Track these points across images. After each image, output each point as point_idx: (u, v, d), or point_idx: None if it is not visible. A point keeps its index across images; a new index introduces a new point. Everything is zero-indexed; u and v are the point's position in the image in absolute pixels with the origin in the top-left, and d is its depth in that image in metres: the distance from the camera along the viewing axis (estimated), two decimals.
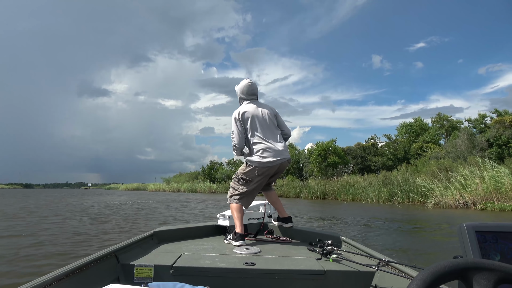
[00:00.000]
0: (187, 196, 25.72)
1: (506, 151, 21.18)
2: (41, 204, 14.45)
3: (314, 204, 16.23)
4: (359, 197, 17.86)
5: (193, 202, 16.70)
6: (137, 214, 10.10)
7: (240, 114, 2.48)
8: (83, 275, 1.38)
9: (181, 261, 1.76)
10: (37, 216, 9.12)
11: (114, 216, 9.30)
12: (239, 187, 2.49)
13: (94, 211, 10.77)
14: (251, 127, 2.47)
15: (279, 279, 1.66)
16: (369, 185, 18.02)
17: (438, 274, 0.54)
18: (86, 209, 11.77)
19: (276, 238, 2.57)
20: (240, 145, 2.47)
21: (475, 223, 0.75)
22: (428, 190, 13.67)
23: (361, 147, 29.50)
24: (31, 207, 12.61)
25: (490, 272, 0.56)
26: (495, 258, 0.72)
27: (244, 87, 2.59)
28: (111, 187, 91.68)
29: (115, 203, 15.46)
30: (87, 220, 8.10)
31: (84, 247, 4.71)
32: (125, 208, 12.56)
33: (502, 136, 21.57)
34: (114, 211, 11.09)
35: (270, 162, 2.41)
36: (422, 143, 27.57)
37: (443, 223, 8.23)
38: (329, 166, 26.52)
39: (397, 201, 15.36)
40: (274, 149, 2.44)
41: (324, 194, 20.75)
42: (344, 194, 19.03)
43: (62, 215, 9.44)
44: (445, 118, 30.26)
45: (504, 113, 24.40)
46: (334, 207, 13.78)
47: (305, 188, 22.40)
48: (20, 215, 9.45)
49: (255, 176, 2.45)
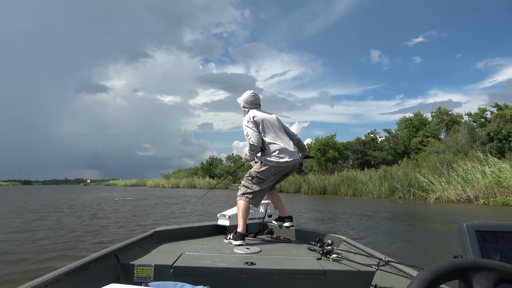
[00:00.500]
0: (189, 193, 25.63)
1: (507, 145, 21.15)
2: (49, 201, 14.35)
3: (315, 199, 16.16)
4: (359, 192, 17.81)
5: (192, 198, 16.62)
6: (147, 210, 10.00)
7: (252, 117, 2.56)
8: (83, 275, 1.38)
9: (181, 260, 1.76)
10: (46, 213, 9.01)
11: (123, 212, 9.20)
12: (252, 185, 2.51)
13: (93, 207, 10.67)
14: (263, 129, 2.55)
15: (279, 278, 1.66)
16: (369, 180, 17.98)
17: (438, 274, 0.54)
18: (88, 205, 11.68)
19: (276, 237, 2.58)
20: (258, 143, 2.50)
21: (475, 222, 0.75)
22: (430, 184, 13.59)
23: (361, 142, 29.45)
24: (37, 207, 12.49)
25: (490, 271, 0.56)
26: (495, 258, 0.72)
27: (248, 98, 2.70)
28: (110, 183, 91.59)
29: (114, 199, 15.36)
30: (87, 216, 8.00)
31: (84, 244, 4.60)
32: (133, 204, 12.46)
33: (503, 130, 21.53)
34: (116, 207, 10.98)
35: (287, 162, 2.49)
36: (422, 138, 27.51)
37: (446, 216, 8.16)
38: (328, 161, 26.45)
39: (398, 196, 15.31)
40: (288, 150, 2.53)
41: (324, 189, 20.68)
42: (345, 189, 18.95)
43: (63, 212, 9.33)
44: (445, 112, 30.18)
45: (505, 107, 24.33)
46: (335, 202, 13.71)
47: (305, 183, 22.33)
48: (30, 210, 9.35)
49: (271, 175, 2.50)
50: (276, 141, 2.52)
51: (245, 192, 2.50)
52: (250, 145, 2.50)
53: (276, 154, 2.47)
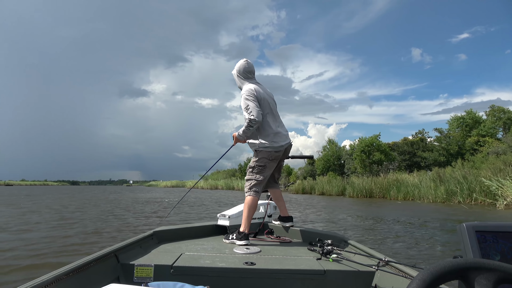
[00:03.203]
0: (230, 194, 25.69)
1: None
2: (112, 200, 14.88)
3: (360, 203, 15.34)
4: (411, 195, 16.71)
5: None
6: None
7: (254, 89, 2.45)
8: (83, 275, 1.38)
9: (181, 261, 1.76)
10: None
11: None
12: (255, 176, 2.47)
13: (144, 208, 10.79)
14: (262, 108, 2.45)
15: (279, 279, 1.67)
16: (421, 183, 16.79)
17: (438, 274, 0.54)
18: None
19: (276, 238, 2.58)
20: (259, 118, 2.36)
21: (475, 222, 0.74)
22: (498, 188, 12.24)
23: (409, 143, 27.81)
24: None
25: (490, 272, 0.56)
26: (495, 258, 0.72)
27: (242, 66, 2.60)
28: (152, 184, 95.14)
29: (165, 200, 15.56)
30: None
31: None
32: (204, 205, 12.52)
33: None
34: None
35: (282, 146, 2.46)
36: (478, 137, 25.42)
37: None
38: (373, 163, 25.25)
39: (457, 201, 14.05)
40: (282, 133, 2.50)
41: (371, 193, 19.70)
42: (394, 192, 17.88)
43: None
44: (501, 110, 27.72)
45: None
46: (385, 207, 12.85)
47: (349, 186, 21.45)
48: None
49: (268, 161, 2.46)
50: (272, 123, 2.47)
51: (252, 185, 2.46)
52: (250, 120, 2.35)
53: (271, 138, 2.44)
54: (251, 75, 2.62)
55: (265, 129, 2.45)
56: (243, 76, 2.59)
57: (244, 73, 2.59)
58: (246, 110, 2.37)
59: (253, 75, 2.64)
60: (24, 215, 8.35)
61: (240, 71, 2.60)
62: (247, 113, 2.37)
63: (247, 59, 2.63)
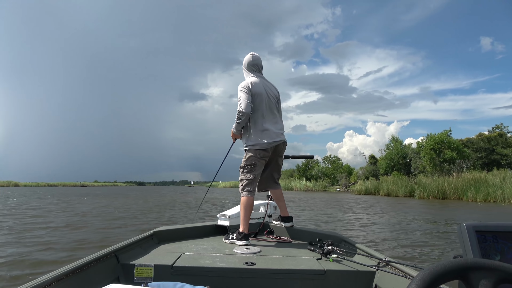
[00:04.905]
0: (297, 195, 25.82)
1: None
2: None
3: (433, 205, 14.42)
4: (492, 197, 15.33)
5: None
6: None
7: (251, 85, 2.47)
8: (83, 275, 1.38)
9: (181, 261, 1.77)
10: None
11: None
12: (246, 175, 2.48)
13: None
14: (255, 103, 2.47)
15: (279, 279, 1.67)
16: (504, 183, 15.29)
17: (438, 274, 0.54)
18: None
19: (276, 238, 2.57)
20: (247, 110, 2.40)
21: (475, 222, 0.74)
22: None
23: (485, 138, 25.40)
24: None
25: (490, 272, 0.56)
26: (495, 258, 0.72)
27: (247, 59, 2.62)
28: (212, 184, 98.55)
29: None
30: None
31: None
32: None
33: None
34: None
35: (269, 144, 2.45)
36: None
37: None
38: (445, 161, 23.53)
39: None
40: (272, 131, 2.48)
41: (444, 193, 18.42)
42: (472, 193, 16.54)
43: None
44: None
45: None
46: (465, 210, 11.94)
47: (418, 186, 20.27)
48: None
49: (257, 159, 2.46)
50: (259, 120, 2.47)
51: (244, 185, 2.46)
52: (238, 111, 2.40)
53: (257, 136, 2.45)
54: (255, 68, 2.62)
55: (251, 126, 2.48)
56: (248, 69, 2.63)
57: (248, 66, 2.62)
58: (238, 101, 2.45)
59: (258, 69, 2.64)
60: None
61: (245, 64, 2.63)
62: (238, 104, 2.44)
63: (253, 53, 2.65)
